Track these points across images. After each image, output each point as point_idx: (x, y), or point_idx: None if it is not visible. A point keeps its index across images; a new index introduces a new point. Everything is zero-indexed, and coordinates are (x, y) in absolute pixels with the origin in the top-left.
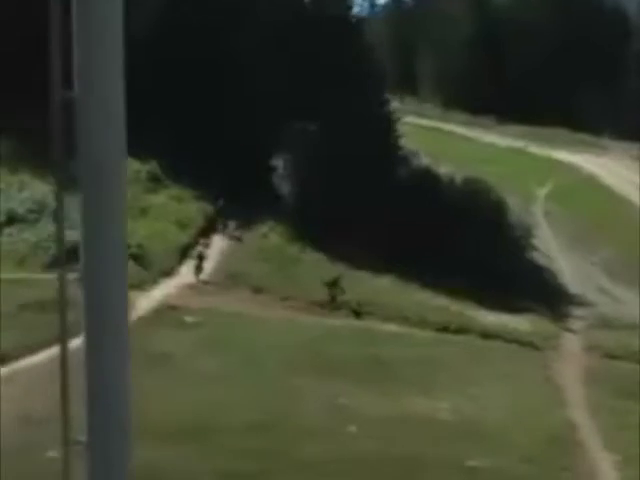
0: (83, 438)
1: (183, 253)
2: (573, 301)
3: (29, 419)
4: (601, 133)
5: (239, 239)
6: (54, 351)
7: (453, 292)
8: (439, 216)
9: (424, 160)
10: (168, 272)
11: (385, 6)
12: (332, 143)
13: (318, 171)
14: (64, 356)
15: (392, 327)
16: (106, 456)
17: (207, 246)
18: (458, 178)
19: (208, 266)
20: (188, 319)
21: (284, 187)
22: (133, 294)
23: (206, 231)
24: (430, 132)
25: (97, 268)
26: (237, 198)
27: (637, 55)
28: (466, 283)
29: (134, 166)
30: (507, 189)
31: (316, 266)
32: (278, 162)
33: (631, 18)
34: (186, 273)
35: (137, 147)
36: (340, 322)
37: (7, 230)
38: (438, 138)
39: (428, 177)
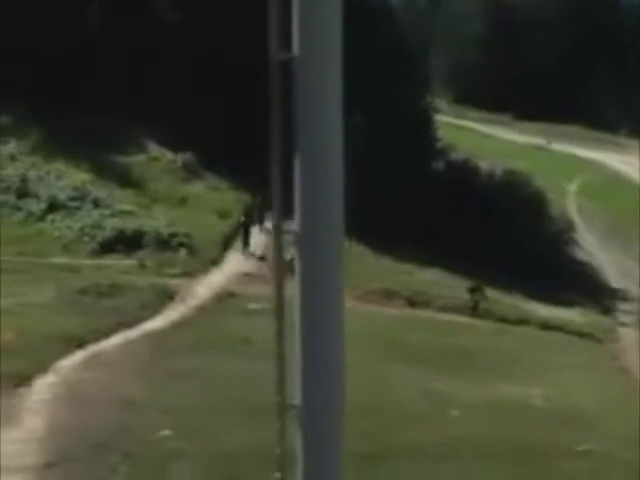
0: (297, 403)
1: (226, 242)
2: (617, 295)
3: (131, 402)
4: (617, 131)
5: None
6: (128, 335)
7: (500, 284)
8: (480, 208)
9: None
10: (215, 261)
11: (398, 3)
12: (371, 136)
13: (358, 164)
14: (281, 327)
15: (452, 317)
16: (319, 421)
17: (247, 230)
18: (497, 171)
19: (251, 255)
20: (251, 306)
21: None
22: (188, 282)
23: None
24: (447, 128)
25: (314, 229)
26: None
27: None
28: (511, 276)
29: (168, 156)
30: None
31: (361, 258)
32: None
33: None
34: (233, 262)
35: (172, 138)
36: (399, 312)
37: (50, 217)
38: (457, 134)
39: (467, 169)
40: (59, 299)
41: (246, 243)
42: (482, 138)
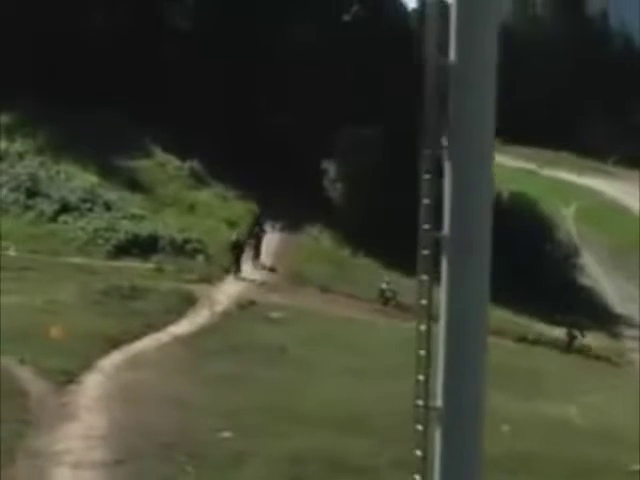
0: (438, 404)
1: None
2: (620, 321)
3: (183, 404)
4: (604, 159)
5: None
6: (158, 337)
7: (509, 304)
8: None
9: None
10: (227, 268)
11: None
12: (386, 148)
13: (371, 176)
14: (428, 332)
15: None
16: (461, 423)
17: (260, 239)
18: (504, 192)
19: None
20: (274, 315)
21: (334, 191)
22: (207, 288)
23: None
24: None
25: (463, 232)
26: (284, 200)
27: None
28: (516, 297)
29: (174, 163)
30: None
31: (369, 270)
32: (329, 166)
33: (637, 43)
34: (244, 270)
35: (178, 145)
36: (402, 324)
37: (62, 217)
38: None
39: None
40: (83, 299)
41: (257, 255)
42: None
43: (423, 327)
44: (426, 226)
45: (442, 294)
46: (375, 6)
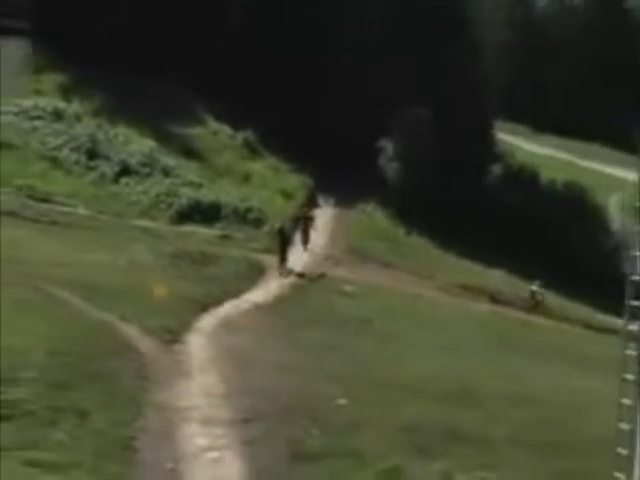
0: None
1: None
2: None
3: (290, 368)
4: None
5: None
6: (237, 304)
7: (562, 290)
8: (540, 215)
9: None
10: (291, 240)
11: None
12: (441, 130)
13: (426, 157)
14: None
15: (518, 315)
16: None
17: (311, 217)
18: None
19: (320, 240)
20: (347, 288)
21: (389, 170)
22: (273, 258)
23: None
24: None
25: None
26: (338, 175)
27: None
28: (569, 283)
29: (227, 132)
30: None
31: (424, 249)
32: (386, 144)
33: None
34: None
35: (230, 115)
36: (489, 307)
37: (124, 180)
38: None
39: (526, 174)
40: (158, 262)
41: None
42: (505, 146)
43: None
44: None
45: None
46: None
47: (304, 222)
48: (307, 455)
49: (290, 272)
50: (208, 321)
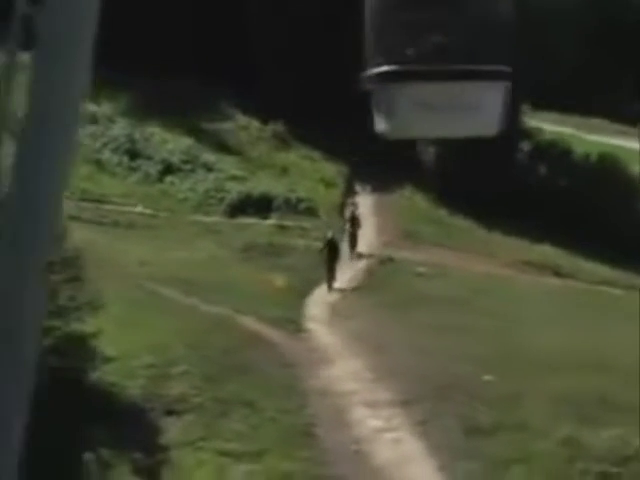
0: None
1: (342, 212)
2: None
3: (424, 351)
4: (635, 125)
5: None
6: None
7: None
8: (576, 188)
9: None
10: (343, 228)
11: None
12: None
13: (463, 141)
14: None
15: (585, 286)
16: None
17: (356, 207)
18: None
19: (368, 227)
20: (420, 269)
21: (426, 154)
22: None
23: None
24: None
25: None
26: (373, 162)
27: None
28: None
29: (256, 125)
30: None
31: (470, 230)
32: None
33: None
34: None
35: (257, 108)
36: (561, 282)
37: (168, 178)
38: None
39: (557, 150)
40: (233, 255)
41: (354, 243)
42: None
43: None
44: None
45: None
46: None
47: (351, 224)
48: (481, 429)
49: (361, 255)
50: (314, 309)
